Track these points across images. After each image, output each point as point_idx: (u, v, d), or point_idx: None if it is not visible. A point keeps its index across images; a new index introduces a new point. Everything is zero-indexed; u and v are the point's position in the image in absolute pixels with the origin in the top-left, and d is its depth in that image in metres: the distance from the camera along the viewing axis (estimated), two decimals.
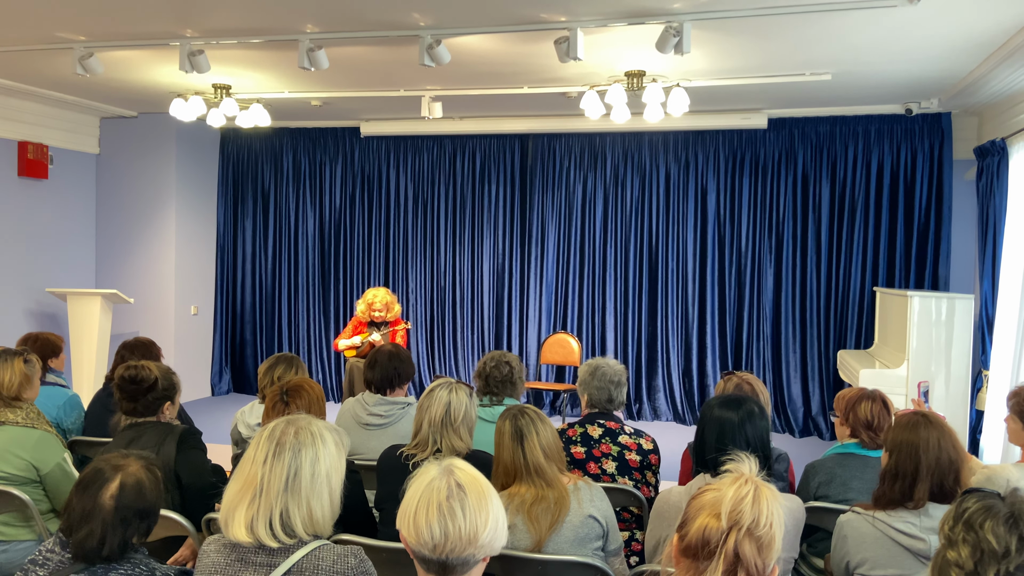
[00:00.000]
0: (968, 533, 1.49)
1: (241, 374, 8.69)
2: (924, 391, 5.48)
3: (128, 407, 2.94)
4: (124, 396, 2.93)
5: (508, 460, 2.41)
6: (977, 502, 1.52)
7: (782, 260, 7.33)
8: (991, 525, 1.46)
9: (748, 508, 1.41)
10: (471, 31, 4.80)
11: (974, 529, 1.48)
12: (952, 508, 1.57)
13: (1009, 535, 1.45)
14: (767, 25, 4.62)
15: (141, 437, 2.84)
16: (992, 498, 1.53)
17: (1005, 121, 5.82)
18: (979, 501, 1.52)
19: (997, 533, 1.45)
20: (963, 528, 1.50)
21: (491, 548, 1.60)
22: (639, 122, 6.32)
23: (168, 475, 2.73)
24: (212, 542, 1.85)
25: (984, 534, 1.46)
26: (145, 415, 2.94)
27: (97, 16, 4.73)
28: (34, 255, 7.47)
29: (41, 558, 1.86)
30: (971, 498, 1.54)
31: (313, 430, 1.84)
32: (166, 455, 2.77)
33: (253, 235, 8.64)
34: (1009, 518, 1.46)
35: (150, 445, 2.78)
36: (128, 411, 2.95)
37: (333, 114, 7.85)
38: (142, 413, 2.94)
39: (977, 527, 1.48)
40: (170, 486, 2.73)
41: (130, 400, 2.92)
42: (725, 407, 2.40)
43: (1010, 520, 1.46)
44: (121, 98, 7.26)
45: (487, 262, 8.07)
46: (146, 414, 2.95)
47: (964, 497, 1.56)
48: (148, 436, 2.85)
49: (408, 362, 3.64)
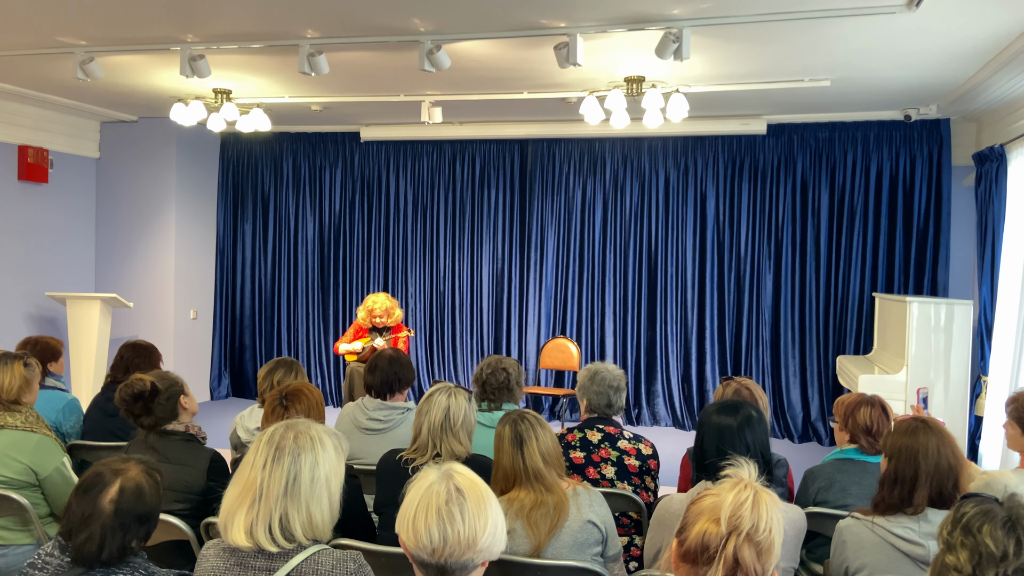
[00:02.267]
0: (966, 537, 1.49)
1: (240, 378, 8.69)
2: (923, 397, 5.47)
3: (149, 421, 2.85)
4: (141, 412, 2.84)
5: (508, 465, 2.41)
6: (975, 507, 1.53)
7: (781, 266, 7.34)
8: (989, 529, 1.47)
9: (747, 513, 1.41)
10: (471, 36, 4.81)
11: (972, 533, 1.48)
12: (951, 513, 1.57)
13: (1007, 538, 1.45)
14: (766, 31, 4.63)
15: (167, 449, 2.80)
16: (990, 503, 1.53)
17: (1004, 127, 5.83)
18: (977, 506, 1.53)
19: (995, 537, 1.46)
20: (961, 532, 1.50)
21: (490, 553, 1.60)
22: (638, 127, 6.33)
23: (190, 495, 2.73)
24: (211, 546, 1.85)
25: (982, 538, 1.46)
26: (170, 419, 2.87)
27: (98, 21, 4.74)
28: (34, 259, 7.47)
29: (40, 562, 1.85)
30: (969, 503, 1.54)
31: (312, 434, 1.84)
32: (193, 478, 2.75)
33: (253, 239, 8.64)
34: (1007, 522, 1.47)
35: (175, 459, 2.75)
36: (151, 425, 2.85)
37: (333, 119, 7.86)
38: (167, 419, 2.87)
39: (975, 531, 1.48)
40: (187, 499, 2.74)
41: (147, 414, 2.84)
42: (723, 413, 2.40)
43: (1008, 524, 1.46)
44: (122, 102, 7.27)
45: (486, 267, 8.07)
46: (170, 418, 2.88)
47: (962, 502, 1.56)
48: (175, 449, 2.81)
49: (408, 367, 3.63)
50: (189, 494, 2.72)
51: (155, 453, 2.74)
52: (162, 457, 2.72)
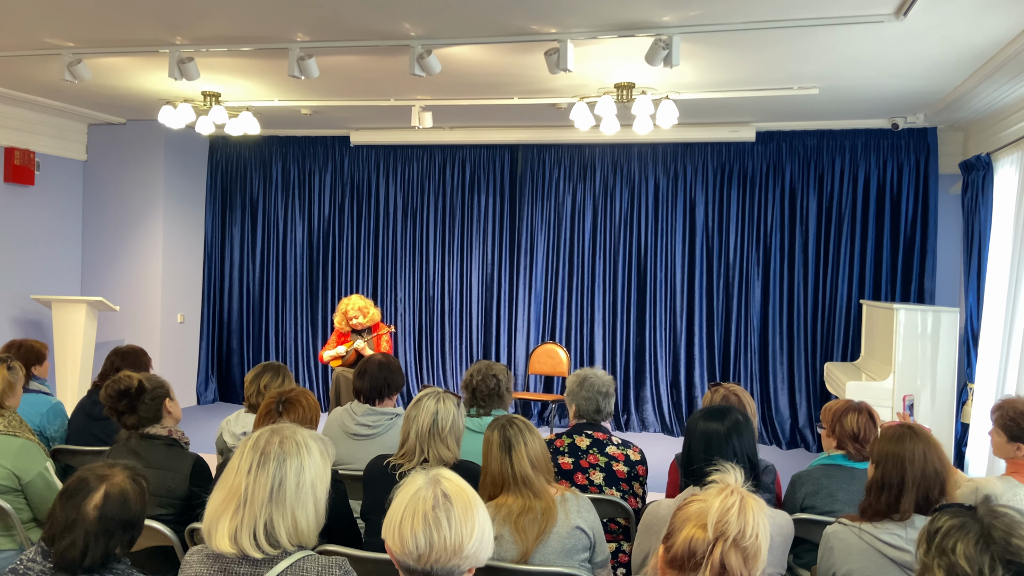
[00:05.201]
0: (941, 558, 1.48)
1: (227, 383, 8.63)
2: (909, 404, 5.51)
3: (132, 420, 2.84)
4: (126, 410, 2.83)
5: (496, 470, 2.40)
6: (949, 520, 1.51)
7: (769, 272, 7.37)
8: (963, 548, 1.45)
9: (734, 519, 1.41)
10: (462, 41, 4.82)
11: (946, 553, 1.47)
12: (925, 526, 1.56)
13: (981, 556, 1.44)
14: (756, 39, 4.66)
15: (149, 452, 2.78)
16: (965, 515, 1.51)
17: (990, 136, 5.88)
18: (952, 518, 1.51)
19: (969, 556, 1.44)
20: (936, 553, 1.49)
21: (476, 559, 1.59)
22: (628, 134, 6.36)
23: (173, 500, 2.71)
24: (195, 552, 1.83)
25: (956, 559, 1.45)
26: (153, 422, 2.86)
27: (86, 22, 4.72)
28: (19, 261, 7.41)
29: (22, 567, 1.83)
30: (943, 515, 1.53)
31: (298, 439, 1.82)
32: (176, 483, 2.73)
33: (241, 244, 8.60)
34: (980, 538, 1.45)
35: (157, 464, 2.73)
36: (133, 425, 2.84)
37: (323, 123, 7.84)
38: (150, 421, 2.86)
39: (949, 552, 1.46)
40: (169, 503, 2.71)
41: (131, 412, 2.83)
42: (711, 418, 2.40)
43: (981, 539, 1.45)
44: (109, 105, 7.23)
45: (476, 272, 8.07)
46: (154, 420, 2.87)
47: (936, 516, 1.54)
48: (157, 453, 2.79)
49: (398, 372, 3.62)
50: (171, 499, 2.70)
51: (137, 457, 2.71)
52: (144, 461, 2.69)
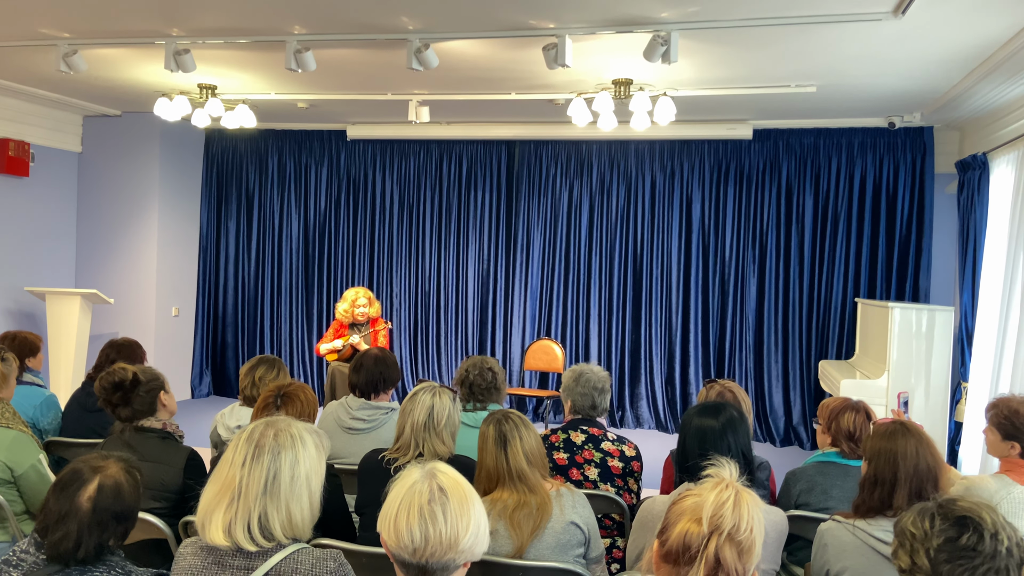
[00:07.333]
0: (900, 537, 1.62)
1: (222, 377, 8.62)
2: (904, 402, 5.52)
3: (126, 413, 2.84)
4: (120, 403, 2.83)
5: (491, 465, 2.40)
6: (910, 511, 1.64)
7: (765, 270, 7.38)
8: (911, 519, 1.60)
9: (729, 513, 1.41)
10: (460, 36, 4.80)
11: (901, 530, 1.61)
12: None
13: (922, 520, 1.57)
14: (754, 36, 4.65)
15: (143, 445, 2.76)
16: (927, 505, 1.62)
17: (986, 136, 5.89)
18: (913, 512, 1.63)
19: (916, 523, 1.59)
20: (896, 538, 1.63)
21: (472, 553, 1.59)
22: (625, 130, 6.35)
23: (166, 493, 2.70)
24: (189, 544, 1.83)
25: (906, 526, 1.60)
26: (148, 414, 2.86)
27: (82, 13, 4.69)
28: (13, 253, 7.38)
29: (15, 559, 1.82)
30: (909, 512, 1.64)
31: (293, 432, 1.82)
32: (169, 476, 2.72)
33: (237, 237, 8.58)
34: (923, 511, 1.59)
35: (151, 457, 2.72)
36: (128, 417, 2.84)
37: (319, 116, 7.82)
38: (145, 413, 2.85)
39: (903, 526, 1.61)
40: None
41: (125, 405, 2.83)
42: (706, 414, 2.40)
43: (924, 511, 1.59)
44: (105, 96, 7.20)
45: (472, 267, 8.06)
46: (148, 413, 2.86)
47: (903, 515, 1.66)
48: (151, 446, 2.78)
49: (394, 367, 3.61)
50: (165, 492, 2.69)
51: (131, 450, 2.70)
52: (138, 454, 2.69)
